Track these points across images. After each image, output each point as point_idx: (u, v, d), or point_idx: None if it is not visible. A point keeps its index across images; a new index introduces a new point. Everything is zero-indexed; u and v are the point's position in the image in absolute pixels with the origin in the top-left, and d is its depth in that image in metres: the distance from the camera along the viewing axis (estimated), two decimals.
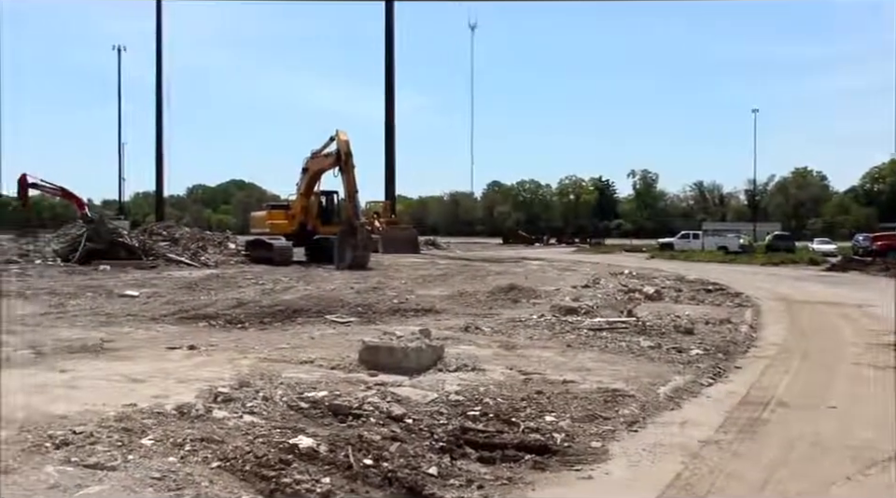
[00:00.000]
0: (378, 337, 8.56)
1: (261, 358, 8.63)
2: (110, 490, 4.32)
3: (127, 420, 5.66)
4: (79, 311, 13.40)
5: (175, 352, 9.16)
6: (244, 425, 5.62)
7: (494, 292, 16.93)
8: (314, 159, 30.69)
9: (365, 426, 5.71)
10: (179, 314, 12.74)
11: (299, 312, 12.86)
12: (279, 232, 31.39)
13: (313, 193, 31.77)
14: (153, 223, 44.15)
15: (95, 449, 4.96)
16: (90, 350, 9.24)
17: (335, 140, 28.67)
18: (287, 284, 18.43)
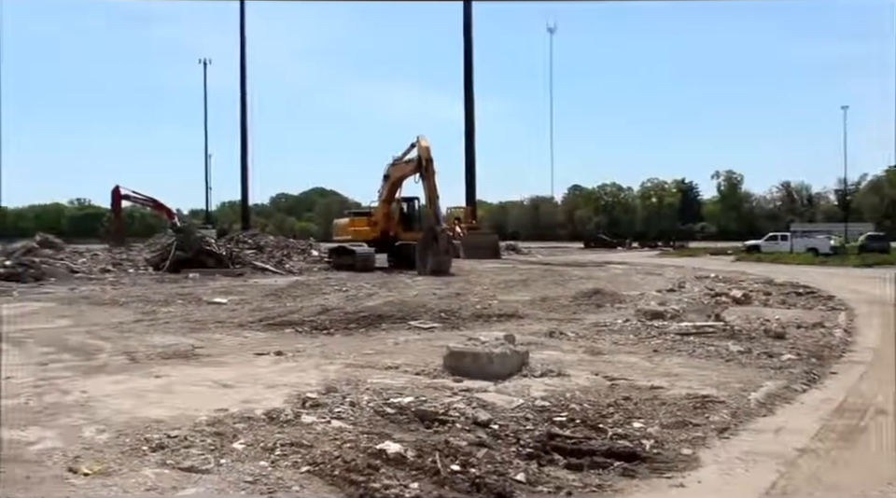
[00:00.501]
0: (462, 342, 8.55)
1: (347, 364, 8.71)
2: (205, 492, 4.42)
3: (219, 424, 5.79)
4: (171, 317, 13.77)
5: (263, 357, 9.32)
6: (332, 430, 5.67)
7: (577, 296, 16.79)
8: (395, 165, 30.94)
9: (451, 432, 5.70)
10: (266, 321, 12.97)
11: (382, 318, 12.96)
12: (361, 239, 31.70)
13: (394, 200, 32.03)
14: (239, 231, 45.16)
15: (190, 453, 5.08)
16: (181, 356, 9.47)
17: (416, 146, 28.85)
18: (371, 291, 18.59)
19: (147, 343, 10.53)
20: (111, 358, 9.31)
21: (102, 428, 5.76)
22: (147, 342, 10.63)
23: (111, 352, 9.82)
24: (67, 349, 10.09)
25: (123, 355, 9.49)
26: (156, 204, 42.36)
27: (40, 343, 10.61)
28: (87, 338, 11.14)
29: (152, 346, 10.25)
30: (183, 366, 8.75)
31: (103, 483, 4.56)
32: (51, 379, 7.89)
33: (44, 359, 9.24)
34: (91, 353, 9.68)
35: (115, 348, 10.12)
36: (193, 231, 32.70)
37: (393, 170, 31.06)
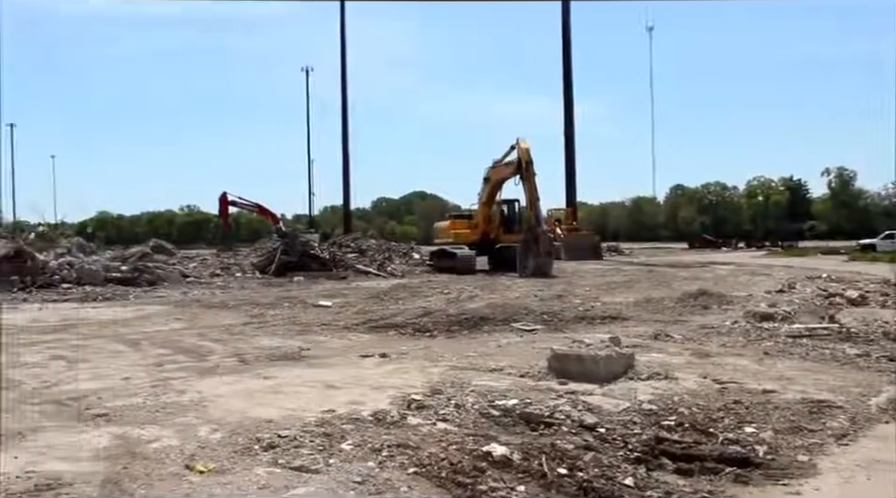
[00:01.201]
0: (566, 345, 8.48)
1: (451, 366, 8.74)
2: (315, 492, 4.50)
3: (327, 425, 5.89)
4: (278, 320, 14.10)
5: (368, 359, 9.44)
6: (437, 432, 5.70)
7: (682, 298, 16.44)
8: (495, 168, 30.94)
9: (557, 435, 5.66)
10: (370, 323, 13.14)
11: (485, 320, 12.96)
12: (462, 242, 31.83)
13: (494, 202, 32.01)
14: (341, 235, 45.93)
15: (300, 453, 5.18)
16: (289, 357, 9.69)
17: (516, 148, 28.78)
18: (472, 293, 18.63)
19: (256, 345, 10.81)
20: (222, 360, 9.59)
21: (215, 427, 5.93)
22: (255, 344, 10.91)
23: (222, 353, 10.12)
24: (181, 350, 10.44)
25: (234, 357, 9.76)
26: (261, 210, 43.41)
27: (156, 345, 11.02)
28: (199, 340, 11.51)
29: (261, 348, 10.52)
30: (291, 367, 8.94)
31: (217, 481, 4.69)
32: (167, 379, 8.17)
33: (160, 360, 9.60)
34: (204, 355, 9.99)
35: (226, 350, 10.43)
36: (298, 236, 33.41)
37: (493, 172, 31.06)
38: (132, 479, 4.70)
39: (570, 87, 56.69)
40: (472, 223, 32.65)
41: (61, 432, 5.91)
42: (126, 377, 8.36)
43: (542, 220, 28.74)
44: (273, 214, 42.97)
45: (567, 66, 56.53)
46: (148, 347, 10.85)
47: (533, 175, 27.90)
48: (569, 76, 56.60)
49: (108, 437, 5.69)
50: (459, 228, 33.12)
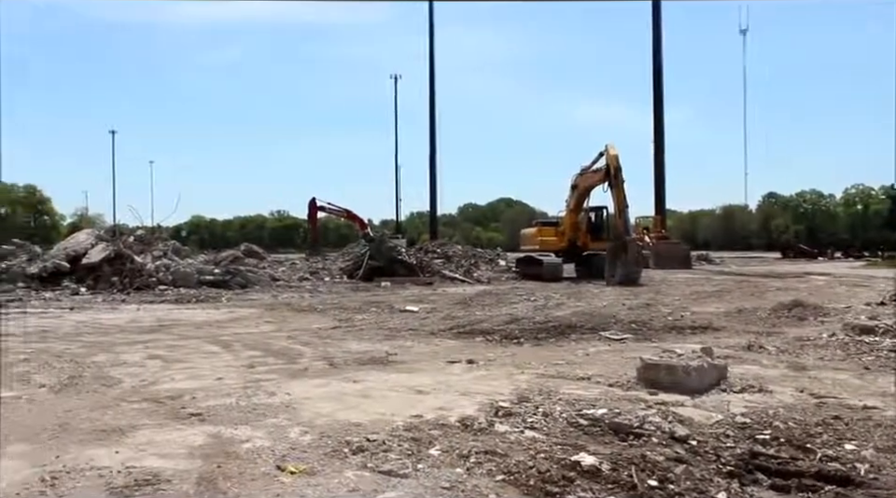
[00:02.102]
0: (656, 354, 8.33)
1: (538, 374, 8.69)
2: (404, 496, 4.52)
3: (415, 430, 5.91)
4: (365, 324, 14.26)
5: (455, 365, 9.46)
6: (525, 440, 5.66)
7: (776, 309, 15.98)
8: (582, 175, 30.71)
9: (647, 446, 5.56)
10: (456, 329, 13.16)
11: (572, 328, 12.85)
12: (549, 249, 31.71)
13: (582, 209, 31.78)
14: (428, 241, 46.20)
15: (388, 457, 5.21)
16: (377, 362, 9.77)
17: (604, 155, 28.54)
18: (559, 301, 18.51)
19: (345, 349, 10.94)
20: (312, 363, 9.74)
21: (305, 429, 6.02)
22: (344, 348, 11.05)
23: (312, 356, 10.28)
24: (272, 353, 10.64)
25: (323, 360, 9.90)
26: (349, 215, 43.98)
27: (247, 347, 11.27)
28: (289, 342, 11.72)
29: (349, 352, 10.64)
30: (379, 371, 9.02)
31: (308, 482, 4.76)
32: (258, 381, 8.34)
33: (251, 362, 9.80)
34: (294, 358, 10.17)
35: (315, 353, 10.59)
36: (385, 241, 33.76)
37: (581, 179, 30.84)
38: (226, 478, 4.80)
39: (661, 91, 55.95)
40: (559, 230, 32.47)
41: (158, 429, 6.08)
42: (219, 377, 8.56)
43: (631, 228, 28.41)
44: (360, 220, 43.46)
45: (657, 70, 55.79)
46: (240, 348, 11.10)
47: (622, 182, 27.60)
48: (660, 80, 55.86)
49: (203, 436, 5.83)
50: (546, 235, 32.98)
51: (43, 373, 8.94)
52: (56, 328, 14.19)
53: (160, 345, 11.55)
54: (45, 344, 11.68)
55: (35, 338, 12.48)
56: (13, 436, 5.86)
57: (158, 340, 12.18)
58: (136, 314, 17.27)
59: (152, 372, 9.05)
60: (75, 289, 24.12)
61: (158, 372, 9.05)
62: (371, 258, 30.64)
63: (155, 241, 29.90)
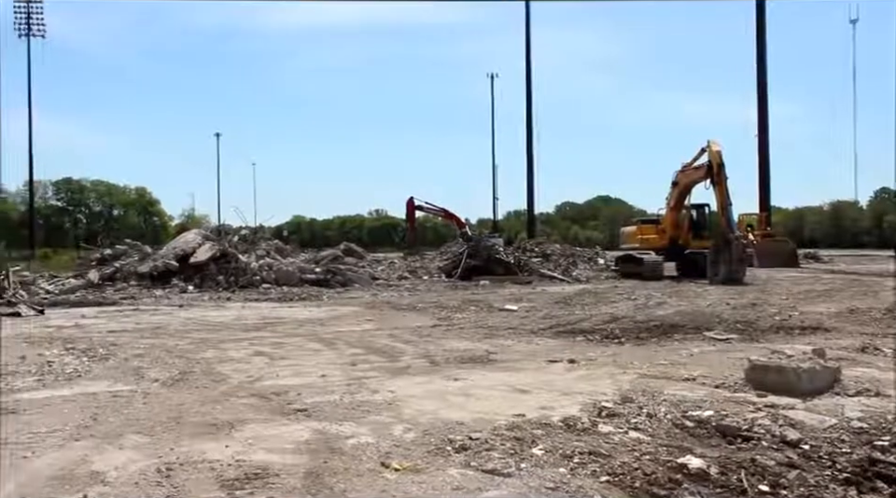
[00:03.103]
0: (765, 355, 8.09)
1: (641, 374, 8.55)
2: (508, 496, 4.51)
3: (517, 429, 5.90)
4: (465, 323, 14.30)
5: (556, 365, 9.39)
6: (629, 441, 5.58)
7: (891, 309, 15.32)
8: (684, 171, 30.07)
9: (757, 450, 5.40)
10: (556, 328, 13.07)
11: (674, 328, 12.60)
12: (649, 247, 31.21)
13: (683, 206, 31.12)
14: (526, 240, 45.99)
15: (491, 456, 5.21)
16: (477, 360, 9.78)
17: (706, 151, 27.89)
18: (660, 300, 18.17)
19: (445, 347, 10.99)
20: (413, 360, 9.82)
21: (409, 427, 6.08)
22: (444, 346, 11.10)
23: (413, 354, 10.37)
24: (373, 350, 10.78)
25: (424, 358, 9.98)
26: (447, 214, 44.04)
27: (349, 344, 11.44)
28: (390, 340, 11.85)
29: (449, 350, 10.68)
30: (479, 370, 9.02)
31: (412, 479, 4.80)
32: (361, 378, 8.46)
33: (353, 359, 9.94)
34: (395, 356, 10.27)
35: (416, 351, 10.67)
36: (483, 240, 33.76)
37: (682, 176, 30.19)
38: (332, 474, 4.88)
39: (765, 84, 54.30)
40: (660, 228, 31.87)
41: (265, 424, 6.23)
42: (323, 374, 8.72)
43: (734, 225, 27.67)
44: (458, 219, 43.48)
45: (761, 62, 54.19)
46: (343, 346, 11.28)
47: (725, 179, 26.90)
48: (764, 73, 54.23)
49: (309, 432, 5.94)
50: (646, 233, 32.45)
51: (156, 368, 9.27)
52: (166, 325, 14.70)
53: (264, 342, 11.84)
54: (157, 340, 12.11)
55: (147, 335, 12.95)
56: (130, 429, 6.10)
57: (262, 338, 12.49)
58: (241, 312, 17.74)
59: (258, 368, 9.28)
60: (183, 287, 24.93)
61: (263, 369, 9.27)
62: (469, 257, 30.70)
63: (258, 240, 30.66)
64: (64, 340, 12.02)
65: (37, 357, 10.15)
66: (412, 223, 46.79)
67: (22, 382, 8.38)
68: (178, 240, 30.31)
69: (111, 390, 7.86)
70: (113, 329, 13.97)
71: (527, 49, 68.26)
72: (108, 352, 10.66)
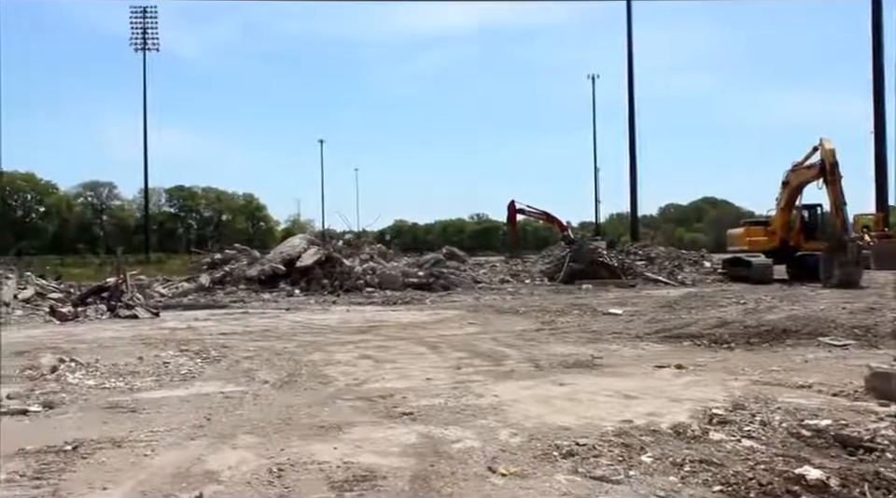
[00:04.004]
0: (888, 363, 7.74)
1: (752, 380, 8.29)
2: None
3: (625, 435, 5.80)
4: (569, 327, 14.18)
5: (663, 370, 9.20)
6: (742, 450, 5.41)
7: None
8: (794, 171, 29.11)
9: (881, 462, 5.15)
10: (662, 332, 12.81)
11: (787, 333, 12.17)
12: (758, 249, 30.33)
13: (794, 207, 30.13)
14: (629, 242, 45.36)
15: (599, 462, 5.13)
16: (582, 365, 9.67)
17: (818, 150, 26.95)
18: (771, 304, 17.58)
19: (549, 352, 10.91)
20: (517, 365, 9.78)
21: (514, 432, 6.04)
22: (548, 351, 11.02)
23: (517, 358, 10.33)
24: (477, 354, 10.78)
25: (528, 362, 9.92)
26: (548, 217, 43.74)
27: (453, 348, 11.48)
28: (494, 344, 11.84)
29: (554, 355, 10.60)
30: (585, 375, 8.92)
31: (520, 485, 4.76)
32: (465, 382, 8.46)
33: (458, 363, 9.97)
34: (499, 359, 10.25)
35: (520, 355, 10.63)
36: (586, 243, 33.46)
37: (793, 176, 29.23)
38: (438, 477, 4.89)
39: (881, 80, 52.11)
40: (769, 230, 30.91)
41: (372, 427, 6.30)
42: (428, 378, 8.77)
43: (850, 226, 26.65)
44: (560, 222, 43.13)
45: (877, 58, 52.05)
46: (446, 350, 11.32)
47: (838, 178, 25.94)
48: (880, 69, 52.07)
49: (415, 435, 5.97)
50: (755, 235, 31.53)
51: (265, 370, 9.50)
52: (274, 328, 15.06)
53: (369, 345, 11.99)
54: (265, 343, 12.42)
55: (256, 338, 13.30)
56: (242, 429, 6.25)
57: (367, 341, 12.65)
58: (346, 315, 18.03)
59: (364, 371, 9.41)
60: (289, 291, 25.52)
61: (369, 371, 9.39)
62: (571, 261, 30.48)
63: (362, 245, 31.14)
64: (178, 342, 12.44)
65: (154, 358, 10.53)
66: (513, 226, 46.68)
67: (141, 382, 8.71)
68: (285, 244, 31.05)
69: (223, 391, 8.09)
70: (224, 332, 14.40)
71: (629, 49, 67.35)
72: (220, 353, 10.98)
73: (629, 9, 66.85)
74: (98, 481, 4.86)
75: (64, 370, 9.35)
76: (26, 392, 8.12)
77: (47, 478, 4.91)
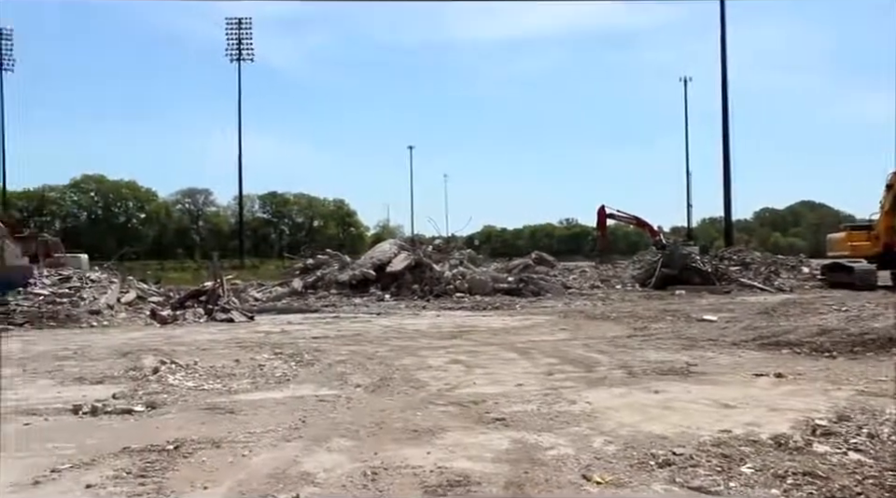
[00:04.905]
0: None
1: (857, 390, 7.98)
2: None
3: (724, 445, 5.65)
4: (662, 334, 13.92)
5: (761, 378, 8.94)
6: (849, 463, 5.21)
7: None
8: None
9: None
10: (759, 340, 12.47)
11: (893, 342, 11.68)
12: (860, 254, 29.28)
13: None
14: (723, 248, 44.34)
15: (697, 473, 5.01)
16: (676, 372, 9.47)
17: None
18: (875, 311, 16.91)
19: (642, 358, 10.74)
20: (610, 371, 9.65)
21: (609, 439, 5.95)
22: (641, 357, 10.85)
23: (609, 365, 10.19)
24: (569, 360, 10.68)
25: (621, 369, 9.77)
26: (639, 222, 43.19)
27: (544, 354, 11.40)
28: (585, 350, 11.71)
29: (647, 361, 10.42)
30: (679, 382, 8.73)
31: (615, 494, 4.69)
32: (557, 388, 8.39)
33: (549, 369, 9.89)
34: (591, 366, 10.13)
35: (612, 361, 10.48)
36: (679, 248, 32.89)
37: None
38: (532, 484, 4.85)
39: None
40: (872, 234, 29.81)
41: (465, 432, 6.29)
42: (519, 384, 8.72)
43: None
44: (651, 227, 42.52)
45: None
46: (537, 355, 11.25)
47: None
48: None
49: (508, 441, 5.94)
50: (857, 239, 30.45)
51: (358, 374, 9.60)
52: (366, 332, 15.23)
53: (460, 350, 12.01)
54: (357, 347, 12.56)
55: (348, 341, 13.47)
56: (336, 432, 6.32)
57: (458, 346, 12.67)
58: (436, 320, 18.11)
59: (455, 376, 9.41)
60: (380, 296, 25.78)
61: (460, 376, 9.39)
62: (663, 266, 30.00)
63: (451, 250, 31.25)
64: (273, 346, 12.68)
65: (250, 361, 10.76)
66: (603, 231, 46.24)
67: (238, 384, 8.90)
68: (375, 250, 31.40)
69: (317, 394, 8.20)
70: (316, 335, 14.63)
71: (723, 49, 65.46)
72: (313, 357, 11.15)
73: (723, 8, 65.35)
74: (199, 480, 4.98)
75: (165, 372, 9.63)
76: (130, 392, 8.40)
77: (151, 476, 5.05)
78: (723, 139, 65.89)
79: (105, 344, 13.56)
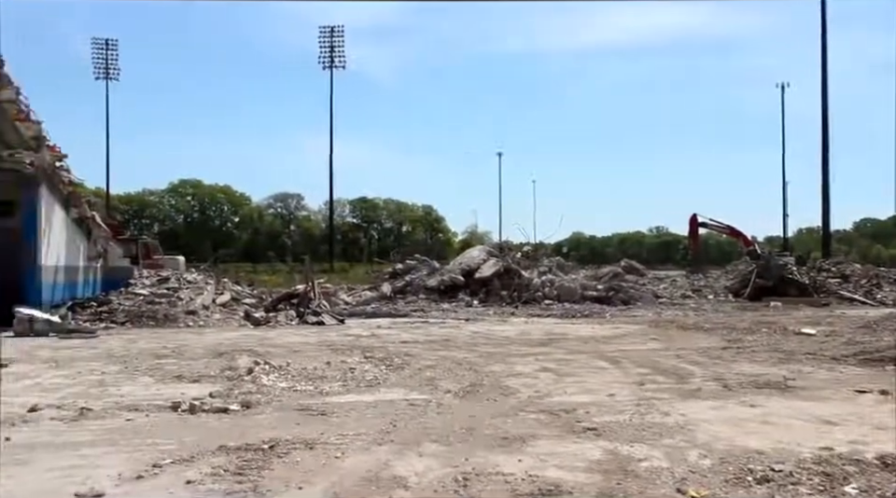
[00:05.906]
0: None
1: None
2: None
3: (826, 463, 5.46)
4: (757, 346, 13.55)
5: (865, 395, 8.60)
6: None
7: None
8: None
9: None
10: (862, 355, 12.01)
11: None
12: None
13: None
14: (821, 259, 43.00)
15: (798, 491, 4.85)
16: (773, 386, 9.19)
17: None
18: None
19: (736, 371, 10.47)
20: (703, 383, 9.43)
21: (704, 453, 5.81)
22: (736, 370, 10.58)
23: (702, 377, 9.97)
24: (660, 371, 10.49)
25: (715, 381, 9.55)
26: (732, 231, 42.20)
27: (635, 363, 11.23)
28: (677, 361, 11.48)
29: (742, 374, 10.16)
30: (777, 397, 8.48)
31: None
32: (650, 399, 8.24)
33: (641, 379, 9.73)
34: (684, 377, 9.92)
35: (705, 373, 10.25)
36: (774, 259, 32.04)
37: None
38: (626, 496, 4.76)
39: None
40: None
41: (556, 441, 6.23)
42: (611, 393, 8.60)
43: None
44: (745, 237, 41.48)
45: None
46: (628, 365, 11.09)
47: None
48: None
49: (600, 451, 5.86)
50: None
51: (447, 379, 9.62)
52: (454, 338, 15.27)
53: (550, 358, 11.92)
54: (446, 352, 12.60)
55: (437, 347, 13.52)
56: (427, 437, 6.34)
57: (548, 353, 12.59)
58: (525, 327, 18.04)
59: (545, 384, 9.35)
60: (468, 301, 25.83)
61: (550, 384, 9.32)
62: (758, 277, 29.27)
63: (540, 257, 31.12)
64: (363, 349, 12.83)
65: (341, 363, 10.91)
66: (695, 240, 45.38)
67: (329, 387, 9.03)
68: (463, 256, 31.49)
69: (407, 398, 8.25)
70: (405, 340, 14.74)
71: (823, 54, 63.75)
72: (403, 361, 11.22)
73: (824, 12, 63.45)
74: (294, 480, 5.05)
75: (259, 372, 9.84)
76: (226, 391, 8.60)
77: (247, 474, 5.15)
78: (822, 146, 64.00)
79: (201, 344, 13.93)
